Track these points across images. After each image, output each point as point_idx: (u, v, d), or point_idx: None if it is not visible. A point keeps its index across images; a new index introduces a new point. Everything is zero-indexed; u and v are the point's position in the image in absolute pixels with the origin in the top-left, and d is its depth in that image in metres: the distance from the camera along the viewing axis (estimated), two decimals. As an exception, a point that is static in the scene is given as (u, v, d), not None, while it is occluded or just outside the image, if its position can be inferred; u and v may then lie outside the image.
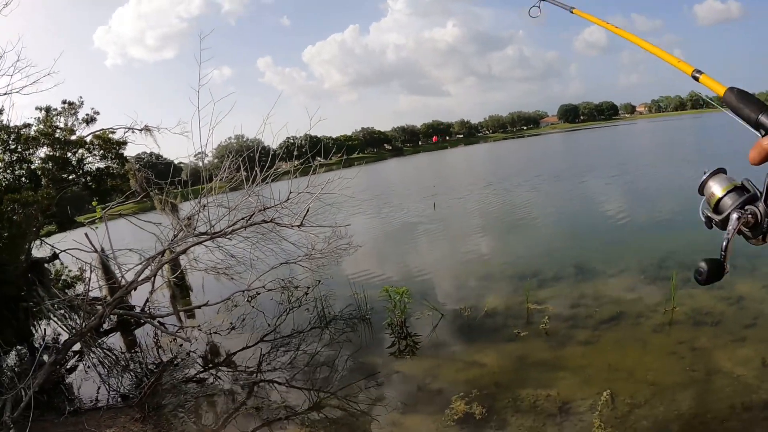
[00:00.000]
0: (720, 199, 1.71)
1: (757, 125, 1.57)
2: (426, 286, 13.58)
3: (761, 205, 1.55)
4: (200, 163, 13.15)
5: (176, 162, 18.65)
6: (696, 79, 2.00)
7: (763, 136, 1.53)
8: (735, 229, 1.58)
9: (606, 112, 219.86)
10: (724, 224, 1.68)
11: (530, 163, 52.33)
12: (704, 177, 1.79)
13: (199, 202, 11.36)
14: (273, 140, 11.59)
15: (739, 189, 1.68)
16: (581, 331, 9.15)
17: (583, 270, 12.67)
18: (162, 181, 14.04)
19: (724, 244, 1.60)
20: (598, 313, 9.81)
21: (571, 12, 3.36)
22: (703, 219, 1.80)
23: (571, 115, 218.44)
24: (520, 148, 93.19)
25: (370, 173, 78.57)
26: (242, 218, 10.89)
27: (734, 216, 1.60)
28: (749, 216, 1.56)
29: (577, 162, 46.67)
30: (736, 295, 9.80)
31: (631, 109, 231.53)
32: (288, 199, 10.67)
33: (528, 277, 12.38)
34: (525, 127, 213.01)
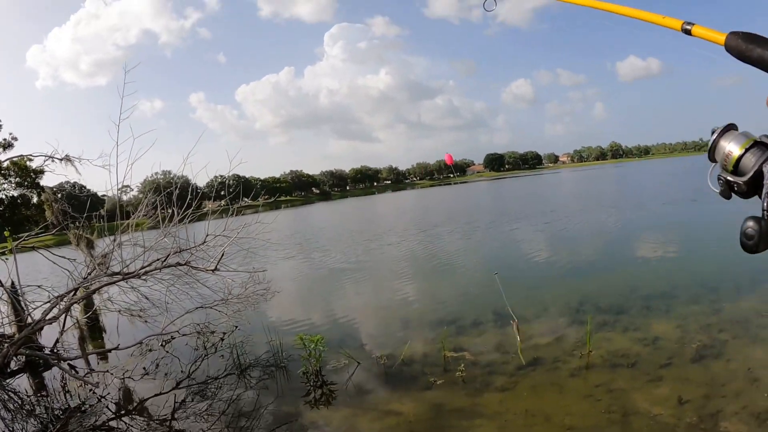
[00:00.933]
0: (740, 158, 1.45)
1: None
2: (344, 332, 13.44)
3: None
4: (123, 197, 12.74)
5: (99, 194, 18.10)
6: (688, 32, 1.75)
7: None
8: None
9: (530, 161, 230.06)
10: (753, 185, 1.44)
11: (458, 211, 53.07)
12: (714, 137, 1.54)
13: (115, 240, 11.00)
14: (194, 178, 11.38)
15: (759, 144, 1.44)
16: (498, 377, 9.17)
17: (502, 316, 12.65)
18: (80, 214, 13.51)
19: (766, 203, 1.35)
20: (516, 358, 9.84)
21: None
22: (716, 189, 1.54)
23: (497, 163, 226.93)
24: (448, 196, 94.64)
25: (297, 217, 78.52)
26: (157, 259, 10.59)
27: (757, 163, 1.40)
28: None
29: (503, 210, 47.76)
30: (651, 335, 10.08)
31: (555, 159, 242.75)
32: (204, 242, 10.46)
33: (446, 324, 12.44)
34: (452, 175, 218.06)
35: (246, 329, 13.34)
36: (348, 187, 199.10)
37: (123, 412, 10.11)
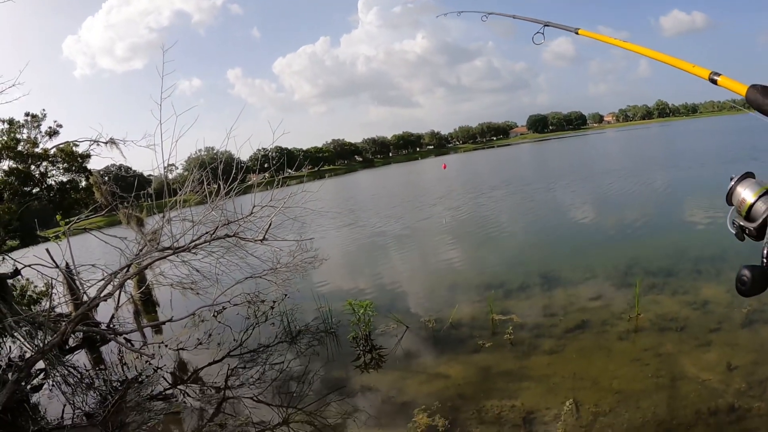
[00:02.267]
0: (752, 205, 1.60)
1: None
2: (392, 297, 13.59)
3: None
4: (169, 175, 13.02)
5: (146, 174, 18.49)
6: (714, 81, 1.90)
7: None
8: None
9: (574, 122, 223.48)
10: (760, 232, 1.59)
11: (504, 174, 52.34)
12: (732, 184, 1.71)
13: (164, 217, 11.25)
14: (238, 153, 11.53)
15: None
16: (546, 340, 9.17)
17: (549, 279, 12.73)
18: (128, 194, 13.84)
19: (765, 251, 1.50)
20: (563, 321, 9.84)
21: (577, 33, 3.31)
22: (733, 231, 1.71)
23: (540, 125, 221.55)
24: (493, 159, 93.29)
25: (341, 185, 78.52)
26: (206, 232, 10.80)
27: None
28: None
29: (549, 171, 47.01)
30: (701, 299, 9.90)
31: (599, 119, 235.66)
32: (251, 213, 10.62)
33: (493, 288, 12.45)
34: (495, 138, 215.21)
35: (295, 297, 13.59)
36: (391, 154, 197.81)
37: (178, 381, 10.48)
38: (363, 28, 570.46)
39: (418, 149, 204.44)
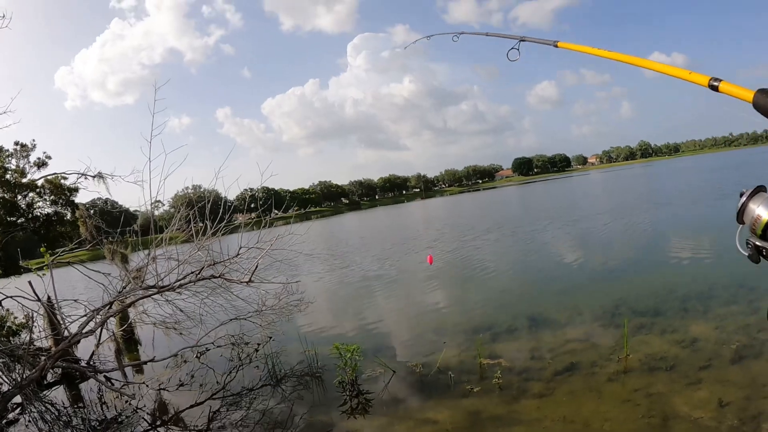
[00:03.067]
0: None
1: None
2: (379, 341, 13.46)
3: None
4: (155, 212, 12.93)
5: (132, 210, 18.41)
6: (714, 88, 1.72)
7: None
8: None
9: (559, 164, 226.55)
10: None
11: (484, 218, 52.35)
12: (743, 200, 1.49)
13: (149, 254, 11.14)
14: (226, 192, 11.51)
15: None
16: (535, 383, 9.09)
17: (537, 320, 12.70)
18: (114, 229, 13.74)
19: None
20: (552, 364, 9.77)
21: (556, 46, 3.22)
22: (745, 252, 1.48)
23: (525, 167, 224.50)
24: (477, 203, 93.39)
25: (328, 227, 78.78)
26: (192, 272, 10.70)
27: None
28: None
29: (534, 213, 47.34)
30: (689, 337, 9.93)
31: (583, 161, 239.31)
32: (237, 254, 10.56)
33: (481, 331, 12.40)
34: (480, 181, 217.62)
35: (280, 340, 13.41)
36: (377, 196, 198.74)
37: (159, 422, 10.26)
38: (351, 71, 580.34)
39: (404, 192, 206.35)
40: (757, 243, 1.35)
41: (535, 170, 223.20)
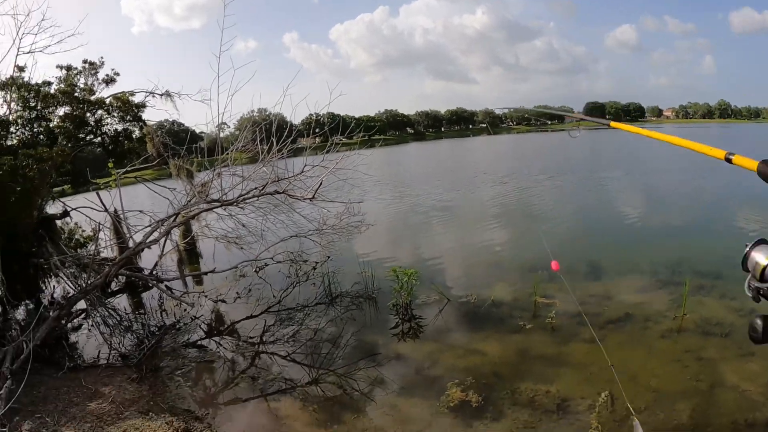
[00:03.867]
0: (766, 267, 1.71)
1: None
2: (435, 270, 13.53)
3: None
4: (220, 134, 13.13)
5: (197, 131, 18.70)
6: (729, 161, 2.03)
7: None
8: None
9: (632, 113, 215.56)
10: None
11: (559, 161, 50.64)
12: (746, 250, 1.82)
13: (214, 170, 11.38)
14: (292, 114, 11.55)
15: None
16: (587, 328, 8.90)
17: (595, 267, 12.57)
18: (180, 147, 14.04)
19: None
20: (607, 312, 9.69)
21: (609, 127, 3.49)
22: (749, 294, 1.81)
23: (597, 113, 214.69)
24: (550, 144, 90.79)
25: (392, 155, 78.17)
26: (255, 188, 10.90)
27: None
28: None
29: (604, 161, 45.65)
30: (748, 307, 9.51)
31: (658, 113, 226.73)
32: (302, 172, 10.67)
33: (538, 269, 12.15)
34: (549, 122, 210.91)
35: (338, 260, 13.68)
36: (443, 128, 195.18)
37: (214, 332, 10.70)
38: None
39: (470, 126, 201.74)
40: (756, 285, 1.69)
41: (607, 117, 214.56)
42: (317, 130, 11.55)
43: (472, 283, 12.24)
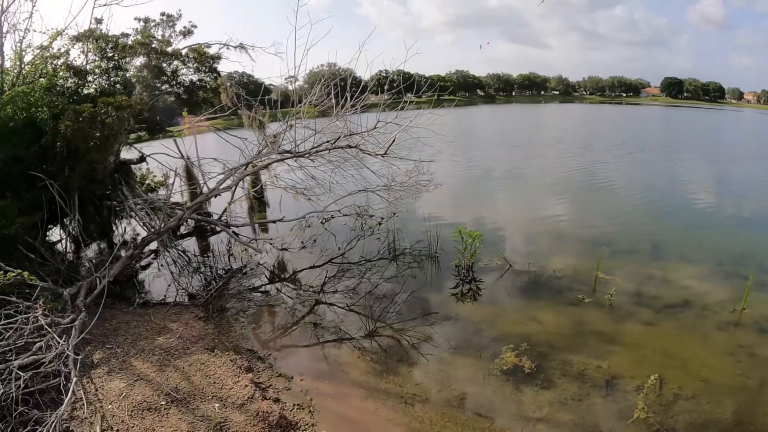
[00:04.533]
0: None
1: None
2: (498, 235, 13.66)
3: None
4: (290, 87, 13.40)
5: (267, 83, 18.97)
6: None
7: None
8: None
9: (712, 93, 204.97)
10: None
11: (634, 136, 48.12)
12: None
13: (287, 122, 11.66)
14: (366, 71, 11.72)
15: None
16: (645, 310, 9.04)
17: (659, 249, 12.45)
18: (252, 98, 14.40)
19: None
20: (666, 296, 9.65)
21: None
22: None
23: (675, 89, 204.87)
24: (625, 118, 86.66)
25: (462, 117, 76.96)
26: (327, 141, 11.15)
27: None
28: None
29: (679, 142, 43.61)
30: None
31: (739, 95, 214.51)
32: (375, 128, 10.84)
33: (601, 244, 12.19)
34: (624, 94, 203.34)
35: (404, 217, 13.98)
36: (514, 93, 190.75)
37: (278, 278, 11.12)
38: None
39: (542, 92, 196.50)
40: None
41: (685, 94, 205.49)
42: (387, 88, 11.66)
43: (535, 251, 12.30)
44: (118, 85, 11.56)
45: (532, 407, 6.48)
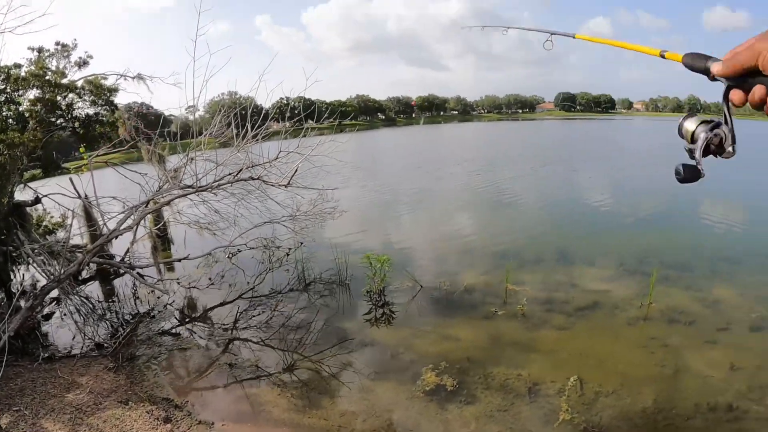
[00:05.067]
0: (694, 132, 1.83)
1: (706, 70, 1.73)
2: (407, 257, 13.63)
3: (724, 127, 1.70)
4: (191, 117, 13.03)
5: (167, 114, 18.47)
6: (663, 56, 2.12)
7: (711, 80, 1.72)
8: (703, 141, 1.74)
9: (603, 105, 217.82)
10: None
11: (532, 151, 50.43)
12: (680, 121, 1.90)
13: (187, 155, 11.29)
14: (266, 99, 11.51)
15: (706, 122, 1.80)
16: (557, 315, 9.25)
17: (565, 256, 12.83)
18: (151, 131, 13.90)
19: (697, 153, 1.75)
20: (576, 300, 9.91)
21: (575, 38, 3.62)
22: (686, 154, 1.86)
23: (568, 103, 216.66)
24: (521, 134, 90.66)
25: (365, 142, 77.83)
26: (229, 174, 10.85)
27: (702, 134, 1.76)
28: (715, 136, 1.73)
29: (575, 152, 45.95)
30: (712, 298, 9.93)
31: (629, 105, 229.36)
32: (277, 158, 10.65)
33: (509, 258, 12.49)
34: (520, 111, 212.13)
35: (311, 246, 13.80)
36: (414, 115, 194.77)
37: (188, 319, 10.64)
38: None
39: (442, 113, 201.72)
40: (688, 146, 1.78)
41: (578, 108, 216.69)
42: (288, 116, 11.54)
43: (445, 270, 12.34)
44: (10, 120, 10.87)
45: (458, 424, 6.41)
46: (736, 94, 1.47)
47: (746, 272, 11.59)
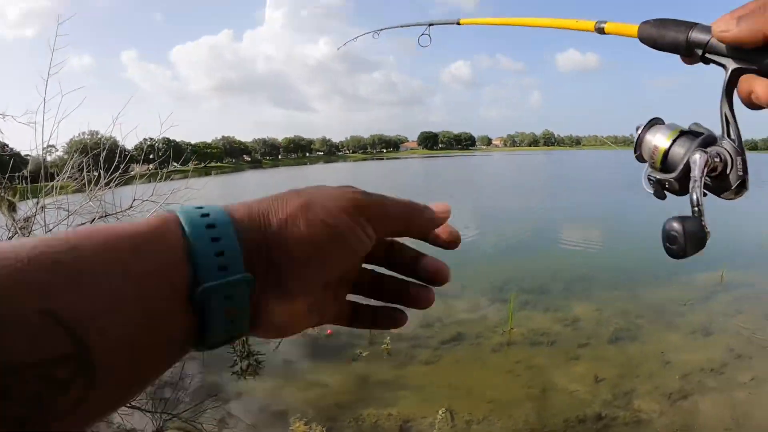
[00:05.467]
0: (668, 151, 1.12)
1: (688, 45, 1.00)
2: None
3: (725, 143, 0.96)
4: (48, 158, 12.24)
5: (23, 154, 17.23)
6: (601, 30, 1.54)
7: (695, 62, 1.11)
8: (702, 170, 0.97)
9: (464, 142, 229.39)
10: (682, 181, 1.11)
11: (387, 187, 51.69)
12: (638, 133, 1.18)
13: (38, 203, 10.57)
14: (123, 140, 11.00)
15: (687, 133, 1.10)
16: (422, 351, 9.38)
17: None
18: (1, 175, 12.92)
19: (694, 196, 1.00)
20: (440, 333, 10.10)
21: (459, 24, 3.31)
22: (650, 190, 1.22)
23: (431, 142, 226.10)
24: (381, 171, 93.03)
25: (227, 184, 76.52)
26: (82, 224, 10.25)
27: (696, 156, 1.03)
28: (715, 158, 0.97)
29: (437, 187, 47.57)
30: (571, 317, 10.48)
31: (488, 142, 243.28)
32: (131, 207, 10.18)
33: (371, 298, 12.49)
34: (385, 150, 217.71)
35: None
36: (280, 156, 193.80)
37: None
38: (268, 25, 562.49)
39: (308, 154, 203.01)
40: (659, 177, 1.14)
41: (441, 145, 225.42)
42: (151, 157, 11.11)
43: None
44: None
45: (328, 473, 6.33)
46: (760, 85, 0.64)
47: (601, 288, 12.38)
